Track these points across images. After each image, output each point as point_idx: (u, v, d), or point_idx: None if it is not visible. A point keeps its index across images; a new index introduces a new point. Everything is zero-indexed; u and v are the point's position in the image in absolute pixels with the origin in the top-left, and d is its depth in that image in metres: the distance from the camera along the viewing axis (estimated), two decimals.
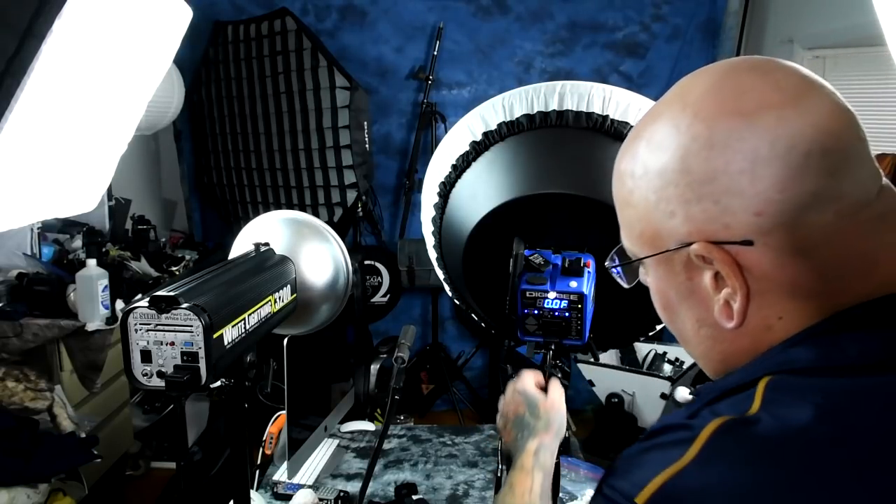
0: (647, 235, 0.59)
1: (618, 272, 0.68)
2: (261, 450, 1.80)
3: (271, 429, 1.81)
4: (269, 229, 1.27)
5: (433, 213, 1.31)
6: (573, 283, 1.08)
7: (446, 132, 1.38)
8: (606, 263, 0.69)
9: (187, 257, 3.42)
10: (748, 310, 0.54)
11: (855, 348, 0.49)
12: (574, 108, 1.18)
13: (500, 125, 1.22)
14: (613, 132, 1.16)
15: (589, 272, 1.09)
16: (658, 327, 1.27)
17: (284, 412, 1.64)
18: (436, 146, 2.51)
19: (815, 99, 0.52)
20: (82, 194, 1.03)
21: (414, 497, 1.60)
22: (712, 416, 0.50)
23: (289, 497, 1.60)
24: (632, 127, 0.87)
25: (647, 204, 0.57)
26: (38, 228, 2.78)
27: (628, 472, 0.51)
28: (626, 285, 0.68)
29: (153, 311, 0.83)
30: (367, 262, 3.65)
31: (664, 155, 0.55)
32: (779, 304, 0.53)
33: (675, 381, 2.77)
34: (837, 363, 0.49)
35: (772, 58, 0.56)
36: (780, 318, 0.53)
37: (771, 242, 0.51)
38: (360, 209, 3.48)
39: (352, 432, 2.04)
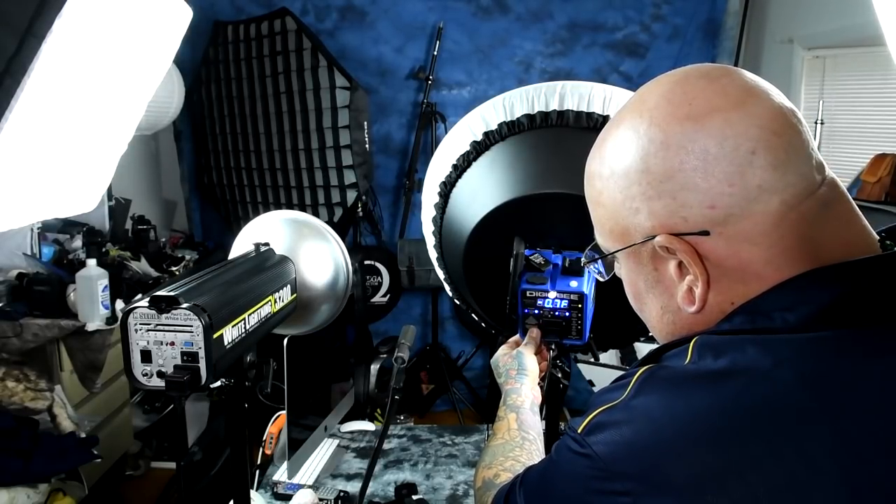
0: (617, 231, 0.64)
1: (596, 267, 0.74)
2: (261, 450, 1.80)
3: (271, 429, 1.81)
4: (269, 229, 1.27)
5: (433, 212, 1.30)
6: (573, 283, 1.08)
7: (446, 132, 1.38)
8: (583, 259, 0.76)
9: (187, 257, 3.42)
10: (707, 296, 0.59)
11: (780, 316, 0.55)
12: (575, 108, 1.18)
13: (500, 125, 1.22)
14: None
15: (589, 272, 1.09)
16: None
17: (284, 412, 1.64)
18: (436, 146, 2.51)
19: (758, 101, 0.57)
20: (82, 194, 1.03)
21: (414, 497, 1.60)
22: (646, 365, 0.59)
23: (289, 497, 1.60)
24: None
25: (615, 202, 0.63)
26: (38, 228, 2.77)
27: (583, 414, 0.61)
28: (602, 278, 0.75)
29: (153, 311, 0.83)
30: (367, 262, 3.64)
31: (627, 157, 0.61)
32: (732, 290, 0.58)
33: None
34: (762, 326, 0.55)
35: (721, 65, 0.61)
36: (732, 304, 0.59)
37: (725, 232, 0.57)
38: (360, 209, 3.48)
39: (352, 432, 2.03)
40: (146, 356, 0.84)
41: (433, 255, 1.37)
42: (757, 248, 0.56)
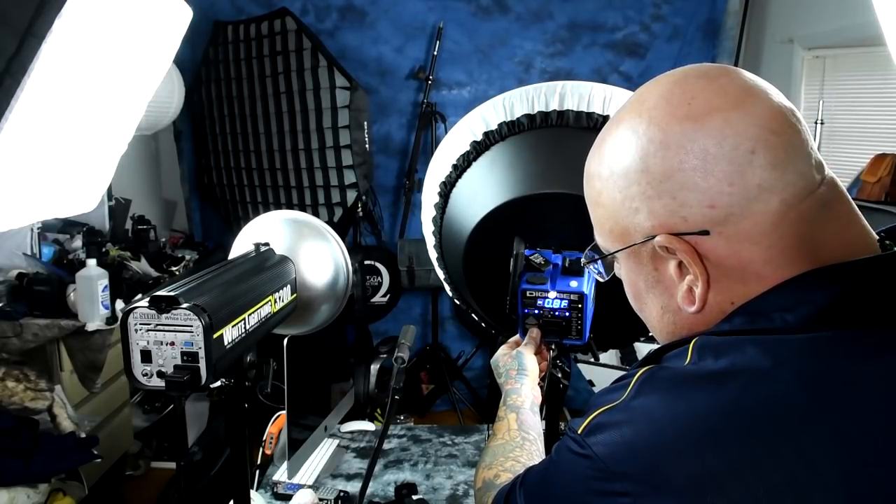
0: (617, 231, 0.64)
1: (596, 267, 0.74)
2: (261, 450, 1.80)
3: (271, 429, 1.81)
4: (269, 229, 1.27)
5: (433, 212, 1.30)
6: (573, 283, 1.08)
7: (446, 132, 1.38)
8: (582, 259, 0.75)
9: (187, 257, 3.42)
10: (707, 296, 0.59)
11: (780, 317, 0.55)
12: (575, 108, 1.18)
13: (500, 125, 1.22)
14: None
15: (589, 272, 1.09)
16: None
17: (284, 412, 1.64)
18: (436, 146, 2.51)
19: (757, 101, 0.57)
20: (82, 194, 1.03)
21: (414, 497, 1.60)
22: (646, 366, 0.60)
23: (289, 497, 1.60)
24: None
25: (615, 202, 0.63)
26: (38, 228, 2.77)
27: (583, 415, 0.61)
28: (602, 279, 0.75)
29: (153, 311, 0.83)
30: (367, 262, 3.64)
31: (626, 157, 0.61)
32: (732, 290, 0.58)
33: None
34: (761, 327, 0.55)
35: (720, 65, 0.61)
36: (732, 304, 0.59)
37: (725, 232, 0.57)
38: (360, 209, 3.48)
39: (352, 432, 2.03)
40: (146, 356, 0.84)
41: (433, 255, 1.37)
42: (757, 248, 0.56)
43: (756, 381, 0.52)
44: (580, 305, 1.08)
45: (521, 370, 1.07)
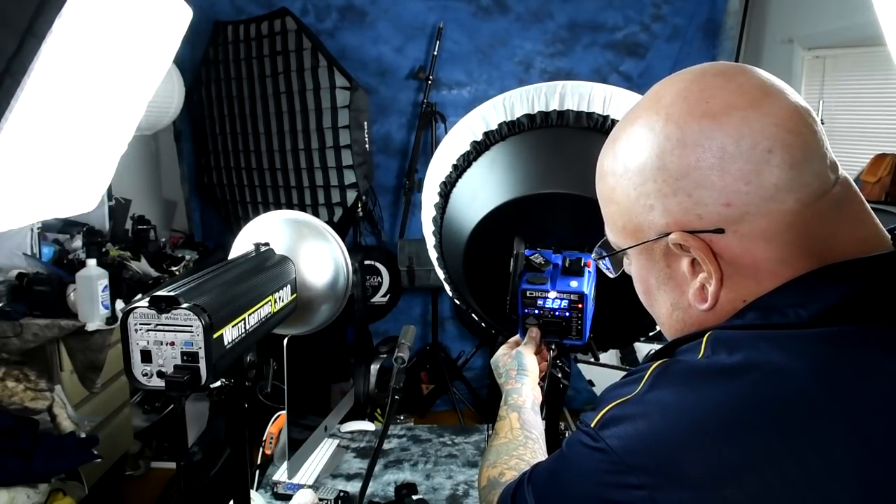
0: (630, 228, 0.64)
1: (605, 263, 0.74)
2: (261, 450, 1.80)
3: (271, 429, 1.81)
4: (269, 229, 1.27)
5: (434, 212, 1.30)
6: (574, 283, 1.08)
7: (446, 132, 1.38)
8: (593, 255, 0.75)
9: (187, 257, 3.42)
10: (720, 293, 0.60)
11: (794, 312, 0.55)
12: (575, 108, 1.18)
13: (500, 125, 1.22)
14: None
15: (589, 272, 1.09)
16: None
17: (284, 412, 1.64)
18: (436, 146, 2.51)
19: (775, 100, 0.57)
20: (82, 194, 1.03)
21: (414, 497, 1.60)
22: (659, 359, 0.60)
23: (289, 497, 1.60)
24: None
25: (629, 199, 0.63)
26: (38, 228, 2.77)
27: (595, 409, 0.61)
28: (612, 275, 0.74)
29: (153, 311, 0.83)
30: (367, 262, 3.64)
31: (642, 154, 0.61)
32: (744, 288, 0.58)
33: None
34: (775, 322, 0.56)
35: (737, 63, 0.62)
36: (744, 301, 0.59)
37: (739, 230, 0.57)
38: (360, 209, 3.48)
39: (352, 432, 2.04)
40: (146, 356, 0.84)
41: (433, 255, 1.37)
42: (771, 247, 0.56)
43: (770, 376, 0.52)
44: (580, 305, 1.08)
45: (521, 370, 1.07)
